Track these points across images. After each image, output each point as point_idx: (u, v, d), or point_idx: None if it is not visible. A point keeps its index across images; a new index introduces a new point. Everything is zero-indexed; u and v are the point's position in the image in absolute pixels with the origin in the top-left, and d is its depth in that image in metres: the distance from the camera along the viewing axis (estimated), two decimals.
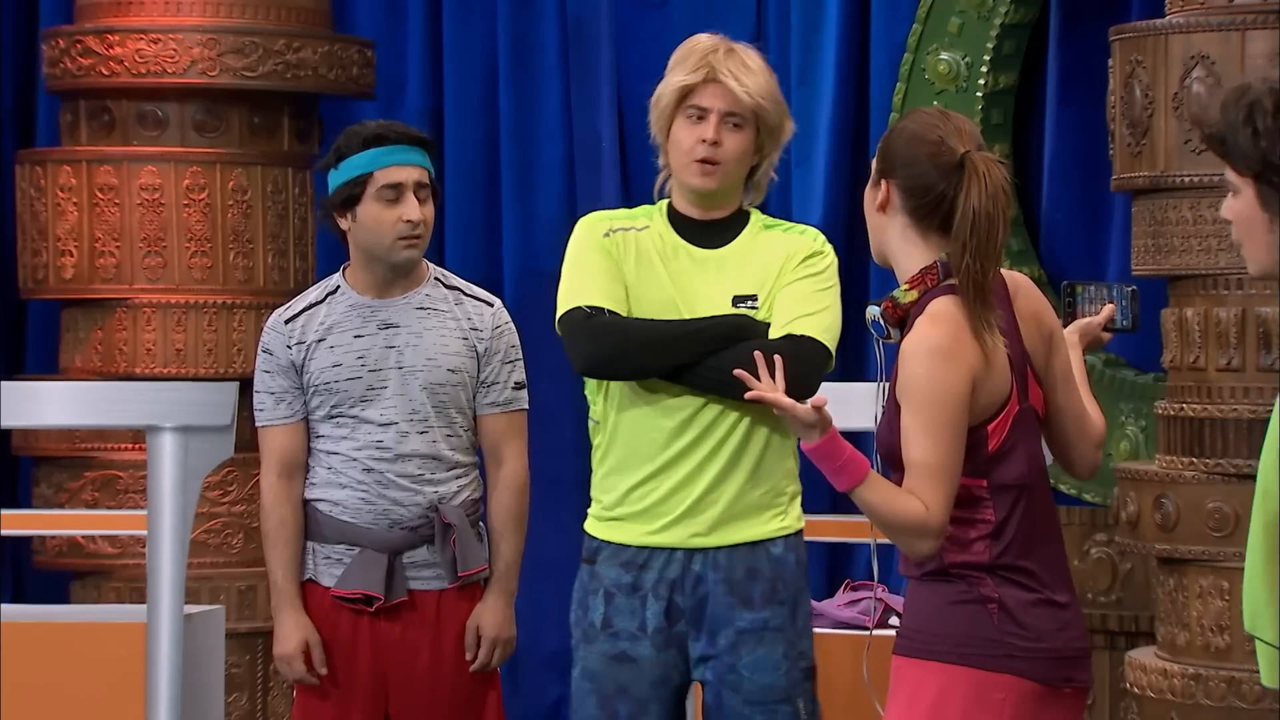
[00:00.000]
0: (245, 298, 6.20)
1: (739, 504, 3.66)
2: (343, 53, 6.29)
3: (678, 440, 3.66)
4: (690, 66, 3.67)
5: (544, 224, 6.69)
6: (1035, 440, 3.20)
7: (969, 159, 3.14)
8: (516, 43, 6.67)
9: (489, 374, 4.19)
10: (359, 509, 4.11)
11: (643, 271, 3.70)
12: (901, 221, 3.19)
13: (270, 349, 4.18)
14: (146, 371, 6.13)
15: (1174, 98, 4.92)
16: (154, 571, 4.71)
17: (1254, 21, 4.85)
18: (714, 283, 3.66)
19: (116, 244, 6.17)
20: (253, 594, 6.16)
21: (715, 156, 3.65)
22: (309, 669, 4.11)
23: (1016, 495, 3.15)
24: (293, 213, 6.31)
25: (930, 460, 3.07)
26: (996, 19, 5.87)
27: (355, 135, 4.15)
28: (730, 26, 6.59)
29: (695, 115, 3.66)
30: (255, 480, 6.15)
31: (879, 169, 3.22)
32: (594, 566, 3.71)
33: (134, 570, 5.97)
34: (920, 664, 3.13)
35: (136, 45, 6.12)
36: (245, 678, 6.14)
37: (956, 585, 3.13)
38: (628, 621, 3.66)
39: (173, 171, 6.17)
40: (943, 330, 3.11)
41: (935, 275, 3.16)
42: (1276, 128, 2.57)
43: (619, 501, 3.70)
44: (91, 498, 6.17)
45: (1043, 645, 3.13)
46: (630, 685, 3.64)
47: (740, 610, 3.65)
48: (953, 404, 3.08)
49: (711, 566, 3.65)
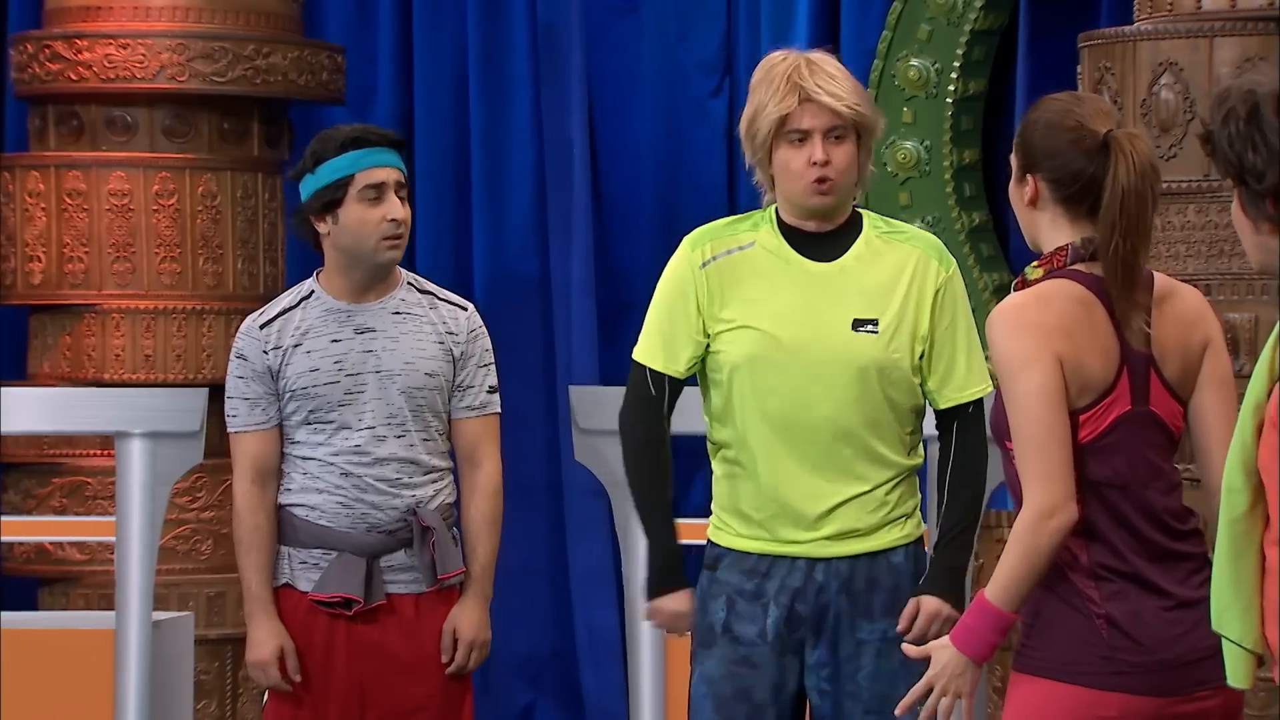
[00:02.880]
0: (214, 303, 6.19)
1: (862, 515, 3.65)
2: (313, 58, 6.28)
3: (800, 456, 3.64)
4: (781, 92, 3.62)
5: (514, 229, 6.69)
6: (1148, 448, 3.10)
7: (1113, 138, 3.09)
8: (487, 48, 6.67)
9: (464, 378, 4.19)
10: (336, 513, 4.11)
11: (757, 292, 3.65)
12: (1053, 211, 3.14)
13: (245, 354, 4.17)
14: (115, 377, 6.11)
15: (1142, 104, 4.94)
16: (122, 578, 4.70)
17: (1221, 29, 4.86)
18: (834, 304, 3.63)
19: (85, 249, 6.16)
20: (222, 600, 6.15)
21: (828, 174, 3.62)
22: (283, 675, 4.10)
23: (1110, 493, 3.07)
24: (262, 218, 6.29)
25: (1019, 431, 3.02)
26: (966, 25, 5.89)
27: (331, 139, 4.15)
28: (701, 33, 6.62)
29: (798, 138, 3.63)
30: (225, 486, 6.14)
31: (1022, 165, 3.16)
32: (715, 573, 3.69)
33: (102, 577, 5.95)
34: (1029, 680, 3.05)
35: (105, 50, 6.11)
36: (214, 684, 6.12)
37: (1062, 595, 3.05)
38: (748, 627, 3.65)
39: (142, 177, 6.15)
40: (1026, 301, 3.07)
41: (1064, 256, 3.11)
42: (1248, 133, 2.59)
43: (740, 513, 3.68)
44: (60, 504, 6.14)
45: (1158, 657, 3.04)
46: (751, 689, 3.64)
47: (861, 620, 3.65)
48: (1029, 371, 3.01)
49: (834, 576, 3.65)
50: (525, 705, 6.65)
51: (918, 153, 5.96)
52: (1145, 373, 3.10)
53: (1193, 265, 4.92)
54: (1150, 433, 3.11)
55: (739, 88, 6.40)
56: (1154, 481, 3.10)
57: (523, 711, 6.64)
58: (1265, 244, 2.63)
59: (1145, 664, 3.04)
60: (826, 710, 3.66)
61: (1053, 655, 3.05)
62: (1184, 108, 4.90)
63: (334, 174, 4.10)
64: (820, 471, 3.62)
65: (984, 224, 6.00)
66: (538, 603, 6.53)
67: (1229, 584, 2.64)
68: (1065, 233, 3.14)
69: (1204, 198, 4.94)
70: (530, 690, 6.67)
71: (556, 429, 6.44)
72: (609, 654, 6.58)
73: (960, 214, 5.94)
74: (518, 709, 6.62)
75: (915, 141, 5.96)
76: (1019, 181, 3.17)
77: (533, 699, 6.70)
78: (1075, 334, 3.06)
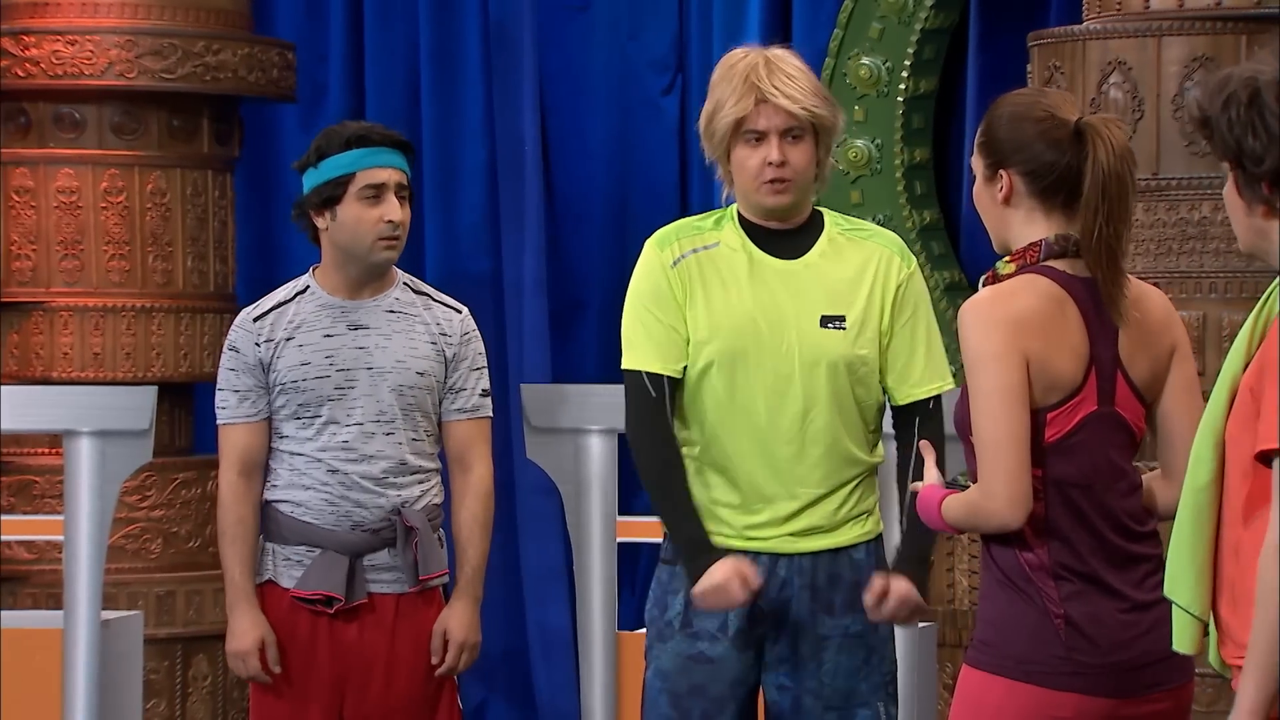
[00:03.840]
0: (164, 301, 6.16)
1: (825, 512, 3.66)
2: (263, 55, 6.26)
3: (770, 455, 3.64)
4: (739, 93, 3.63)
5: (466, 227, 6.68)
6: (1112, 449, 3.10)
7: (1087, 124, 3.08)
8: (438, 46, 6.66)
9: (456, 380, 4.20)
10: (322, 510, 4.11)
11: (723, 292, 3.65)
12: (1028, 205, 3.11)
13: (237, 346, 4.17)
14: (63, 376, 6.09)
15: (1091, 103, 4.96)
16: (71, 577, 4.67)
17: (1169, 28, 4.89)
18: (801, 301, 3.63)
19: (33, 247, 6.12)
20: (171, 600, 6.12)
21: (784, 174, 3.62)
22: (263, 667, 4.10)
23: (1073, 493, 3.07)
24: (213, 215, 6.27)
25: (977, 424, 3.02)
26: (917, 24, 5.90)
27: (336, 135, 4.15)
28: (653, 31, 6.62)
29: (754, 138, 3.63)
30: (174, 485, 6.12)
31: (991, 162, 3.13)
32: (674, 567, 3.67)
33: (51, 576, 5.92)
34: (984, 676, 3.06)
35: (53, 47, 6.08)
36: (164, 683, 6.10)
37: (1023, 593, 3.05)
38: (708, 622, 3.64)
39: (90, 174, 6.12)
40: (997, 297, 3.06)
41: (1036, 252, 3.10)
42: (1249, 119, 2.63)
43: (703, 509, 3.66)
44: (7, 503, 6.11)
45: (1114, 659, 3.04)
46: (708, 684, 3.63)
47: (823, 616, 3.65)
48: (997, 367, 3.01)
49: (797, 572, 3.65)
50: (478, 704, 6.65)
51: (869, 151, 5.98)
52: (1112, 374, 3.10)
53: (1141, 263, 4.94)
54: (1115, 434, 3.11)
55: (691, 86, 6.41)
56: (1116, 482, 3.11)
57: (475, 710, 6.64)
58: (1257, 226, 2.68)
59: (1101, 665, 3.04)
60: (785, 706, 3.66)
61: (1010, 654, 3.05)
62: (1133, 106, 4.93)
63: (335, 171, 4.11)
64: (791, 469, 3.62)
65: (935, 222, 6.02)
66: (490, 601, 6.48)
67: (1185, 551, 2.68)
68: (1040, 228, 3.12)
69: (1152, 196, 4.96)
70: (482, 688, 6.67)
71: (509, 427, 6.43)
72: (561, 652, 6.58)
73: (911, 212, 5.96)
74: (470, 707, 6.62)
75: (866, 140, 5.97)
76: (988, 180, 3.14)
77: (485, 697, 6.69)
78: (1046, 331, 3.06)
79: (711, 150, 3.67)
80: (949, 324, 5.85)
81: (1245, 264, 4.80)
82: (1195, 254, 4.86)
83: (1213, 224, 4.84)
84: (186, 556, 6.15)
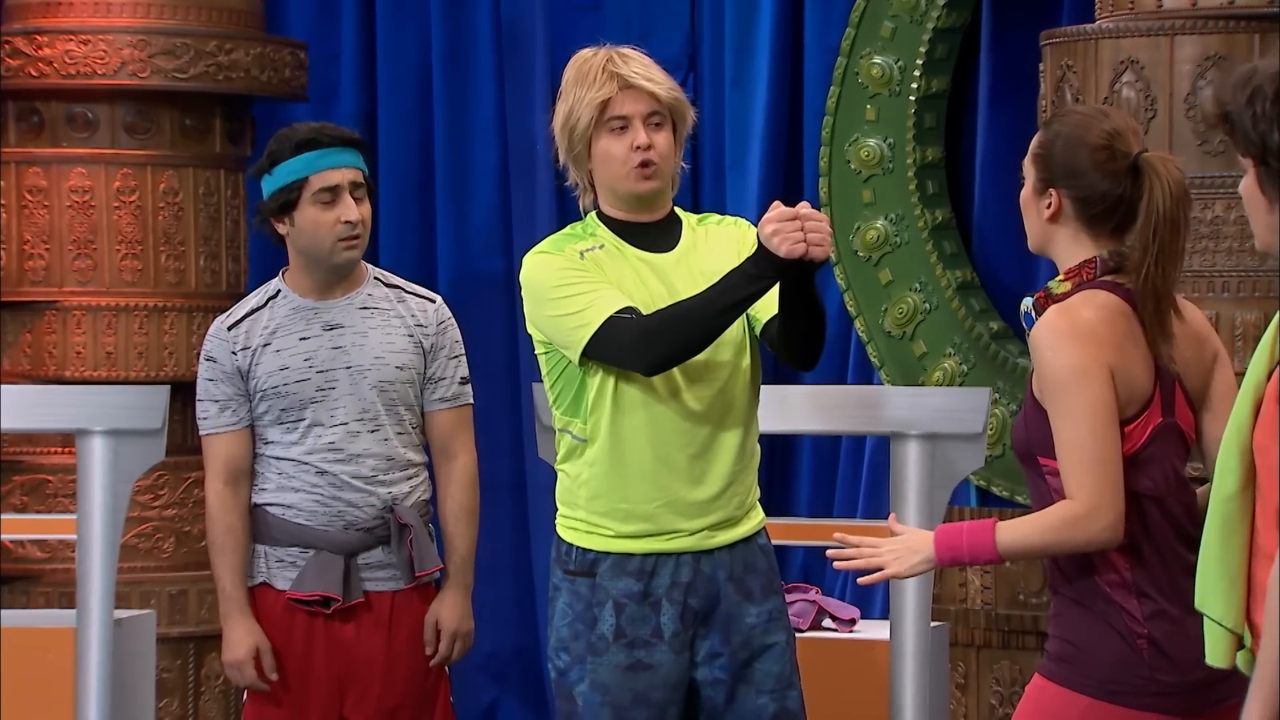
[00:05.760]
0: (176, 300, 6.17)
1: (736, 502, 3.69)
2: (275, 54, 6.27)
3: (686, 447, 3.65)
4: (598, 82, 3.67)
5: (478, 226, 6.68)
6: (1178, 460, 3.10)
7: (1146, 161, 3.06)
8: (450, 45, 6.66)
9: (435, 370, 4.20)
10: (314, 511, 4.12)
11: (624, 285, 3.67)
12: (1074, 227, 3.09)
13: (214, 356, 4.17)
14: (76, 375, 6.09)
15: (1104, 102, 4.95)
16: (84, 576, 4.68)
17: (1183, 26, 4.88)
18: (687, 290, 3.65)
19: (46, 246, 6.13)
20: (184, 599, 6.13)
21: (652, 158, 3.67)
22: (259, 675, 4.10)
23: (1149, 506, 3.06)
24: (225, 215, 6.28)
25: (1071, 440, 2.97)
26: (929, 23, 5.89)
27: (287, 140, 4.15)
28: (664, 30, 6.61)
29: (619, 126, 3.67)
30: (187, 484, 6.12)
31: (1043, 178, 3.11)
32: (595, 579, 3.67)
33: (63, 575, 5.93)
34: (1065, 693, 3.06)
35: (66, 46, 6.08)
36: (176, 682, 6.11)
37: (1102, 612, 3.04)
38: (641, 629, 3.65)
39: (103, 173, 6.13)
40: (1072, 313, 3.03)
41: (1093, 269, 3.08)
42: (1275, 113, 2.62)
43: (622, 512, 3.66)
44: (20, 502, 6.12)
45: (1192, 678, 3.04)
46: (650, 691, 3.63)
47: (747, 606, 3.68)
48: (1087, 383, 2.98)
49: (719, 566, 3.66)
50: (489, 703, 6.65)
51: (881, 150, 5.97)
52: (1172, 384, 3.10)
53: None
54: (1178, 444, 3.11)
55: (703, 85, 6.41)
56: (1181, 493, 3.11)
57: (486, 709, 6.64)
58: (1277, 223, 2.66)
59: (1180, 684, 3.05)
60: (719, 699, 3.69)
61: (1094, 674, 3.04)
62: (1145, 105, 4.92)
63: (288, 176, 4.11)
64: (700, 458, 3.65)
65: (946, 221, 6.01)
66: (501, 600, 6.52)
67: (1215, 562, 2.68)
68: (1086, 248, 3.10)
69: None
70: (494, 688, 6.66)
71: (520, 426, 6.44)
72: None
73: (923, 211, 5.95)
74: (481, 706, 6.62)
75: (878, 139, 5.97)
76: (1038, 194, 3.12)
77: (496, 696, 6.69)
78: (1120, 344, 3.05)
79: (570, 148, 3.69)
80: (960, 321, 5.85)
81: (1258, 263, 4.79)
82: (1208, 253, 4.85)
83: (1225, 223, 4.84)
84: (199, 555, 6.15)
